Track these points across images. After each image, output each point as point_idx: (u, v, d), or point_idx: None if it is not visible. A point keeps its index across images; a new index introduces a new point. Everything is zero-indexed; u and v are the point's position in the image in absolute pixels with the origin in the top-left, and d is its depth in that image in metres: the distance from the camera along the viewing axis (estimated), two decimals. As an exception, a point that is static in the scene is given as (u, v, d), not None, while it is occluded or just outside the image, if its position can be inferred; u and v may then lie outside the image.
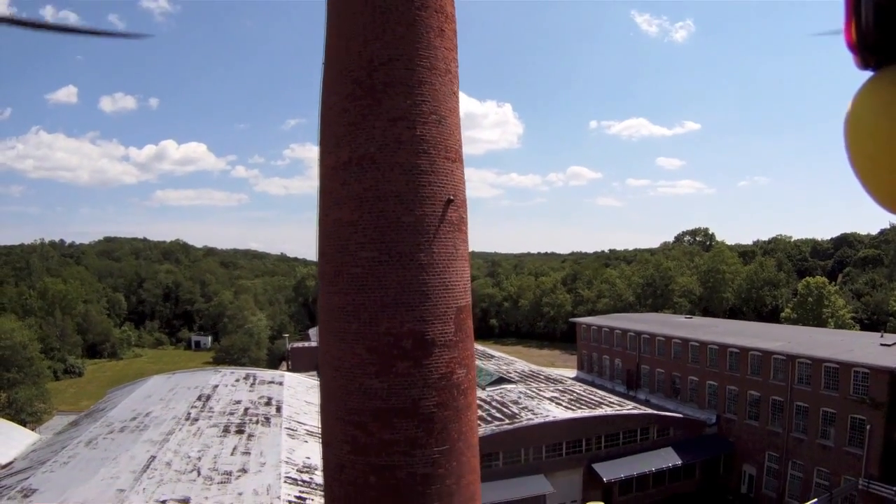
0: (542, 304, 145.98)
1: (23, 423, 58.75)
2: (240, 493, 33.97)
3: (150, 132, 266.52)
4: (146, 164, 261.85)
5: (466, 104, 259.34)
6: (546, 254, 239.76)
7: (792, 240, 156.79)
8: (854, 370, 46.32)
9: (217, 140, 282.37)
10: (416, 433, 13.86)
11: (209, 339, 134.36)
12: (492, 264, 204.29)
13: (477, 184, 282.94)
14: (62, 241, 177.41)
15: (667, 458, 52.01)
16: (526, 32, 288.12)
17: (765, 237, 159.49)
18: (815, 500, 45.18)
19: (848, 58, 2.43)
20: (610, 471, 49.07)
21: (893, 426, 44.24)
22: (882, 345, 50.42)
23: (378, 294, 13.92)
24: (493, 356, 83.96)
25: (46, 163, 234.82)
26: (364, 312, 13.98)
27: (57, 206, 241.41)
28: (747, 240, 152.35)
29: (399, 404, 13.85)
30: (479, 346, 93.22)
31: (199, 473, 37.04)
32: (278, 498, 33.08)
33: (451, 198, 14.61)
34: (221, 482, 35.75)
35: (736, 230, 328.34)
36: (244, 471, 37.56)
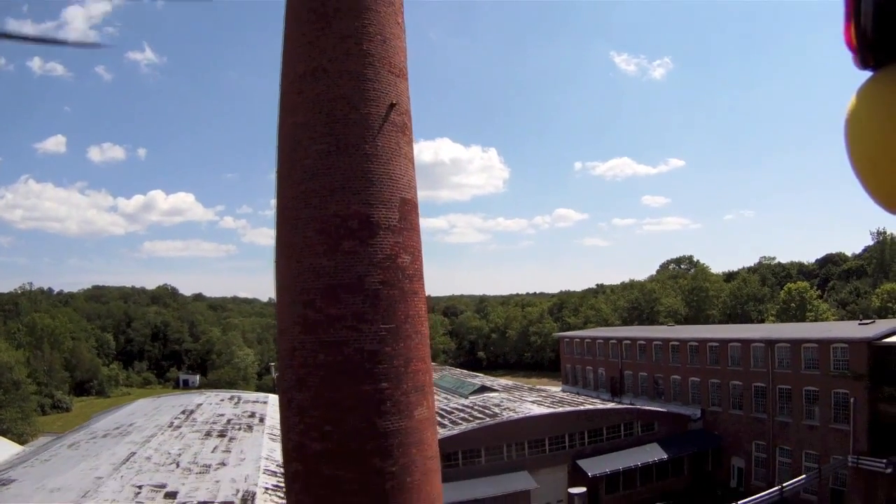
0: (530, 333, 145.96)
1: (7, 441, 58.26)
2: (217, 481, 33.91)
3: (138, 182, 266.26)
4: (134, 214, 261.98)
5: (452, 150, 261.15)
6: (534, 294, 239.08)
7: (776, 261, 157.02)
8: (833, 346, 46.68)
9: (205, 190, 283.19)
10: (363, 308, 14.23)
11: (197, 377, 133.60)
12: (479, 301, 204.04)
13: (464, 229, 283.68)
14: (50, 290, 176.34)
15: (652, 454, 51.87)
16: (507, 76, 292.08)
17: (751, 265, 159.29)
18: (803, 477, 44.88)
19: (826, 74, 2.35)
20: (594, 466, 48.77)
21: (877, 397, 44.44)
22: (860, 324, 50.88)
23: (327, 180, 14.65)
24: (477, 375, 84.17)
25: (35, 213, 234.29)
26: (314, 198, 14.65)
27: (45, 256, 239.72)
28: (734, 269, 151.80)
29: (346, 280, 14.27)
30: (464, 371, 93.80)
31: (178, 465, 36.98)
32: (255, 485, 33.03)
33: (395, 103, 15.63)
34: (200, 472, 35.68)
35: (723, 262, 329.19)
36: (223, 464, 37.53)
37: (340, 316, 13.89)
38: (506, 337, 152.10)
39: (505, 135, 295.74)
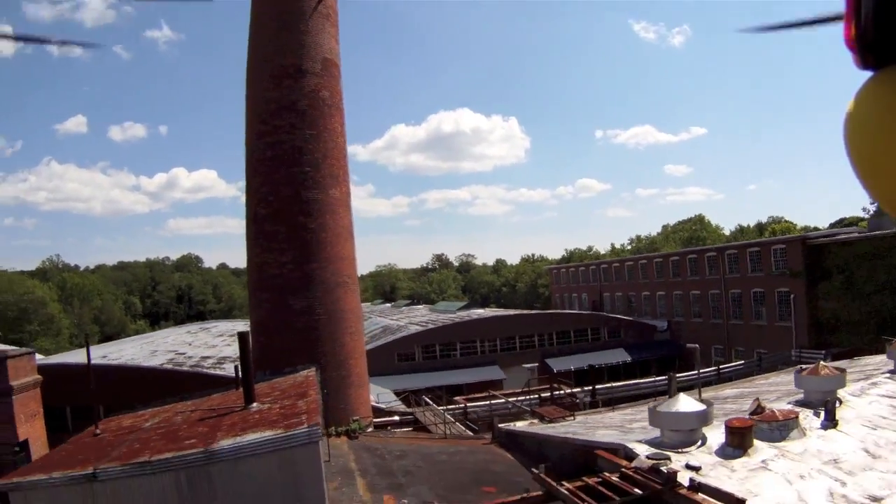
0: (538, 285, 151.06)
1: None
2: (220, 351, 40.58)
3: (160, 161, 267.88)
4: (157, 192, 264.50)
5: (473, 120, 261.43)
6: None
7: (783, 220, 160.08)
8: (773, 248, 52.46)
9: (227, 166, 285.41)
10: (294, 120, 21.49)
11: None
12: (495, 262, 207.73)
13: (487, 200, 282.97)
14: (77, 266, 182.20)
15: (618, 357, 57.52)
16: (526, 46, 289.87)
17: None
18: (742, 362, 49.62)
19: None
20: (561, 364, 54.45)
21: (814, 293, 49.38)
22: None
23: (275, 46, 23.12)
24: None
25: (58, 194, 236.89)
26: (269, 56, 23.31)
27: (69, 237, 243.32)
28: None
29: (285, 104, 22.04)
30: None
31: (189, 345, 44.00)
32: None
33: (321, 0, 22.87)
34: (208, 348, 42.53)
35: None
36: (228, 345, 44.18)
37: (281, 125, 21.52)
38: (516, 290, 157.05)
39: (525, 104, 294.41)
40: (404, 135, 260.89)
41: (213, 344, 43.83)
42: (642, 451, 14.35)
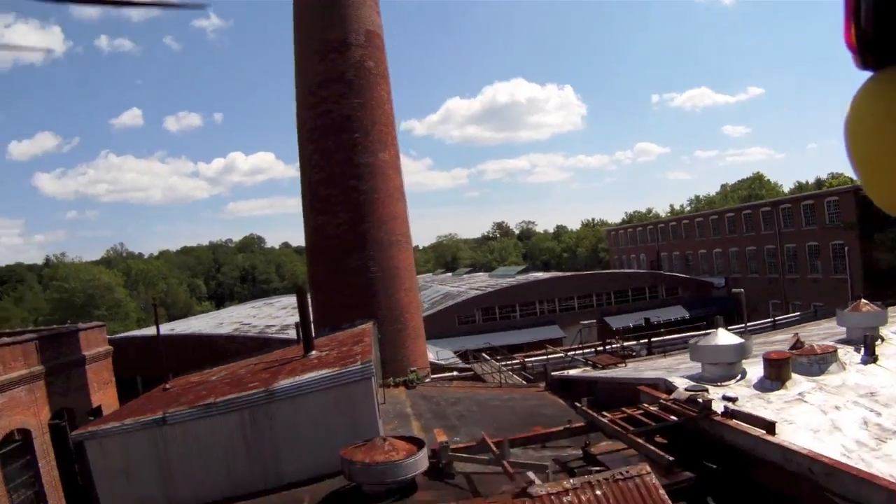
0: (599, 249, 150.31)
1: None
2: (284, 321, 42.10)
3: (217, 146, 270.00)
4: (216, 177, 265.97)
5: (528, 90, 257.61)
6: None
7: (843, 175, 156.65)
8: (826, 200, 51.98)
9: (284, 147, 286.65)
10: (343, 90, 22.52)
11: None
12: (556, 228, 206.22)
13: (546, 168, 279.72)
14: (140, 254, 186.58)
15: (676, 313, 57.69)
16: (577, 13, 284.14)
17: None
18: (798, 313, 49.78)
19: None
20: (619, 322, 55.08)
21: (869, 244, 48.93)
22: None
23: (322, 22, 23.91)
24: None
25: (118, 185, 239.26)
26: (315, 32, 24.01)
27: (130, 226, 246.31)
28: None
29: (332, 76, 22.87)
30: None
31: (254, 317, 45.41)
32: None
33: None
34: (272, 318, 44.02)
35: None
36: (291, 316, 45.74)
37: (329, 95, 22.64)
38: (576, 255, 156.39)
39: (579, 72, 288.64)
40: (459, 108, 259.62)
41: (276, 315, 45.49)
42: (682, 384, 15.00)
